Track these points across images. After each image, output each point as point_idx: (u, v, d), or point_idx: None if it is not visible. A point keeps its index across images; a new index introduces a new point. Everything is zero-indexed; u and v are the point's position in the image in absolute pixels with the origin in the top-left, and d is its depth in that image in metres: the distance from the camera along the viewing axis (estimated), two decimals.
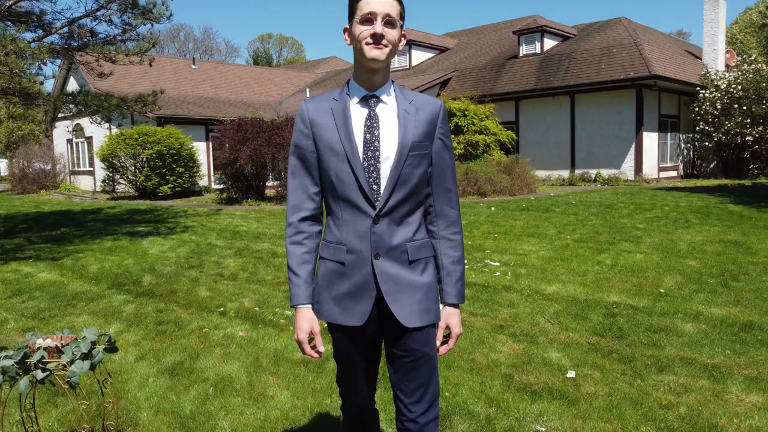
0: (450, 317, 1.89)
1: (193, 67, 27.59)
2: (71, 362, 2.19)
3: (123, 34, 9.63)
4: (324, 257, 1.87)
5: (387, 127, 1.83)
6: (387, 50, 1.77)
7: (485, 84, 21.18)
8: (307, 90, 28.03)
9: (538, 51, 20.93)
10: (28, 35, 8.93)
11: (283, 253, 7.67)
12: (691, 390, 3.17)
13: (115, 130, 19.63)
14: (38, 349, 2.20)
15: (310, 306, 1.84)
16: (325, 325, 1.98)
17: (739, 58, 20.51)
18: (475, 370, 3.49)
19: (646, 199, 12.50)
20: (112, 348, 2.36)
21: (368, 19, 1.77)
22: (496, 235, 8.56)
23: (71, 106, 9.66)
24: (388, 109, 1.85)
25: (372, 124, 1.82)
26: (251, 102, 25.71)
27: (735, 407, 2.95)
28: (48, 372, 2.15)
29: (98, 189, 21.85)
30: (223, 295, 5.53)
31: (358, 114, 1.84)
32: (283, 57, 68.65)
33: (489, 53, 23.51)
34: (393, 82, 1.90)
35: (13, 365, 2.13)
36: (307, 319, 1.82)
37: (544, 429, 2.75)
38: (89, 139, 23.24)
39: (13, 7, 7.90)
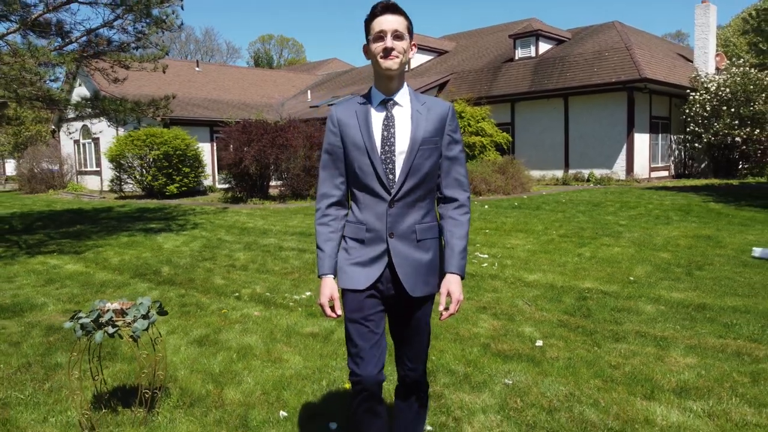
0: (451, 284, 2.15)
1: (197, 69, 28.18)
2: (134, 321, 2.80)
3: (137, 41, 10.23)
4: (346, 235, 2.19)
5: (401, 125, 2.15)
6: (398, 60, 2.08)
7: (482, 86, 21.77)
8: (309, 92, 28.61)
9: (533, 54, 21.53)
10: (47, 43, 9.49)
11: (289, 247, 8.27)
12: (638, 354, 3.78)
13: (122, 132, 20.22)
14: (108, 311, 2.80)
15: (332, 276, 2.16)
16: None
17: (729, 62, 21.10)
18: (458, 341, 4.09)
19: (633, 197, 13.09)
20: (162, 312, 2.96)
21: (380, 37, 2.09)
22: (487, 231, 9.16)
23: (88, 110, 10.27)
24: (402, 110, 2.17)
25: (389, 124, 2.15)
26: (253, 104, 26.30)
27: (671, 367, 3.56)
28: (117, 328, 2.76)
29: (105, 188, 22.44)
30: (236, 283, 6.13)
31: (377, 115, 2.16)
32: (284, 58, 69.11)
33: (486, 56, 24.11)
34: (408, 87, 2.23)
35: (90, 322, 2.73)
36: (329, 287, 2.15)
37: (510, 382, 3.35)
38: (96, 140, 23.82)
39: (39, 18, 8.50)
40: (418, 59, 26.36)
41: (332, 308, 2.14)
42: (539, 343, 4.01)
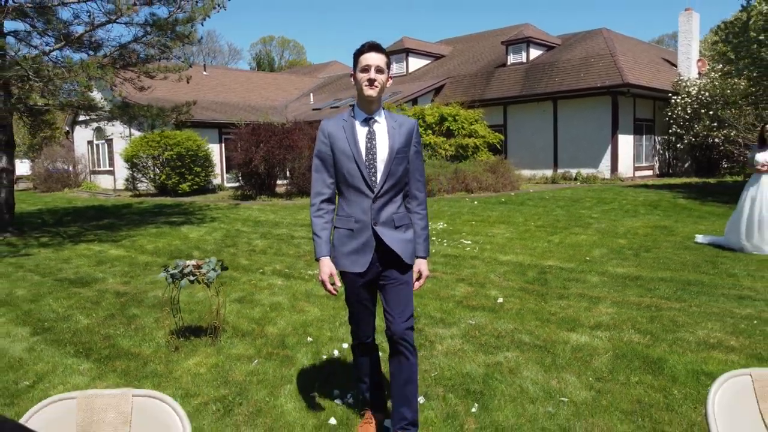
0: (420, 265, 2.75)
1: (204, 73, 29.39)
2: (208, 272, 4.01)
3: (160, 53, 11.43)
4: (338, 226, 2.67)
5: (381, 138, 2.62)
6: (378, 89, 2.56)
7: (476, 90, 22.99)
8: (311, 95, 29.80)
9: (525, 60, 22.75)
10: (83, 55, 10.69)
11: (299, 236, 9.48)
12: (573, 307, 4.99)
13: (137, 134, 21.43)
14: (188, 265, 4.01)
15: (329, 257, 2.64)
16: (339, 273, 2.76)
17: (709, 67, 22.32)
18: (438, 299, 5.31)
19: (611, 194, 14.30)
20: (224, 267, 4.17)
21: (365, 69, 2.56)
22: (473, 223, 10.38)
23: (118, 114, 11.46)
24: (381, 126, 2.65)
25: (371, 137, 2.61)
26: (258, 106, 27.50)
27: (594, 314, 4.77)
28: (195, 276, 3.97)
29: (119, 187, 23.65)
30: (258, 263, 7.34)
31: (361, 130, 2.62)
32: (285, 59, 70.20)
33: (480, 61, 25.33)
34: (383, 108, 2.73)
35: (177, 273, 3.94)
36: (327, 266, 2.63)
37: (473, 322, 4.57)
38: (109, 141, 25.04)
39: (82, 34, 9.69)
40: (416, 64, 27.57)
41: (332, 284, 2.63)
42: (500, 300, 5.22)
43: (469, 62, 25.78)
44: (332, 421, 2.96)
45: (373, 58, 2.57)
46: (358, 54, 2.61)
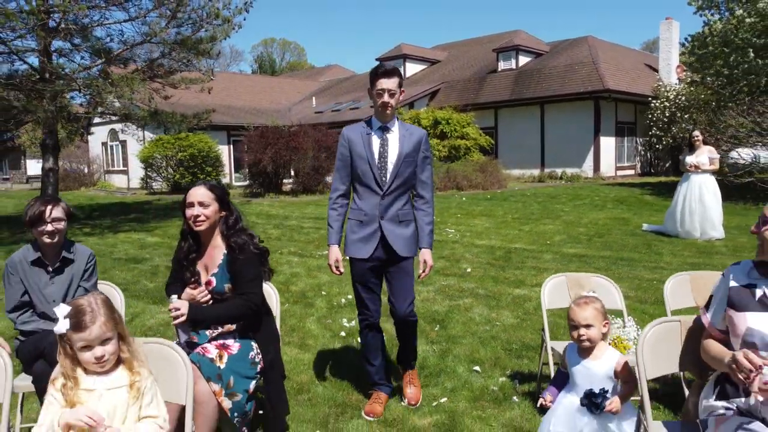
0: (424, 255, 3.11)
1: (212, 78, 30.84)
2: None
3: (185, 66, 12.93)
4: (350, 217, 3.11)
5: (392, 145, 3.03)
6: (392, 108, 3.01)
7: (469, 95, 24.50)
8: (313, 98, 31.28)
9: (514, 66, 24.27)
10: (115, 69, 12.17)
11: (308, 227, 10.98)
12: (525, 275, 6.48)
13: (150, 136, 22.92)
14: None
15: (337, 245, 3.09)
16: (348, 258, 3.20)
17: (686, 72, 23.84)
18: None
19: (587, 192, 15.80)
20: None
21: (380, 94, 2.97)
22: (458, 215, 11.89)
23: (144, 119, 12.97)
24: (393, 135, 3.06)
25: (384, 144, 3.03)
26: (263, 109, 29.00)
27: (538, 278, 6.26)
28: None
29: (133, 186, 25.16)
30: (275, 247, 8.83)
31: (376, 137, 3.05)
32: (286, 61, 71.56)
33: (473, 67, 26.83)
34: (396, 118, 3.12)
35: None
36: (335, 253, 3.10)
37: (445, 283, 6.07)
38: (123, 143, 26.53)
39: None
40: (413, 69, 29.06)
41: (337, 268, 3.15)
42: (469, 270, 6.73)
43: (463, 68, 27.28)
44: (342, 333, 4.47)
45: (387, 84, 2.96)
46: (373, 77, 2.99)
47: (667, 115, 22.14)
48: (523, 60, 24.50)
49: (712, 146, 8.89)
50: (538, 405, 2.59)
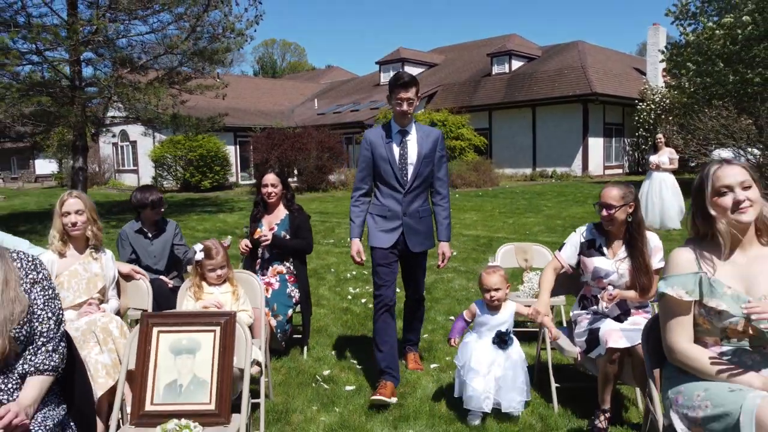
0: (443, 247, 3.48)
1: (225, 85, 32.01)
2: None
3: (197, 73, 14.07)
4: (373, 213, 3.41)
5: (411, 146, 3.32)
6: (410, 113, 3.27)
7: (464, 97, 25.66)
8: (315, 100, 32.42)
9: (507, 70, 25.44)
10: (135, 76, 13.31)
11: (314, 220, 12.08)
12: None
13: (160, 137, 24.08)
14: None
15: (358, 239, 3.40)
16: (370, 248, 3.44)
17: (667, 78, 25.00)
18: None
19: (572, 189, 16.97)
20: None
21: (399, 103, 3.22)
22: (451, 210, 13.02)
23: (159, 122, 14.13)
24: (412, 136, 3.34)
25: (404, 145, 3.31)
26: (266, 111, 30.13)
27: None
28: None
29: (143, 184, 26.27)
30: None
31: (396, 139, 3.32)
32: (287, 61, 72.62)
33: (469, 70, 28.00)
34: (414, 121, 3.37)
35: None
36: (356, 245, 3.42)
37: (433, 263, 7.24)
38: (133, 143, 27.68)
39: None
40: (410, 72, 30.09)
41: (359, 256, 3.45)
42: (455, 253, 7.89)
43: (459, 71, 28.44)
44: (349, 297, 5.64)
45: (405, 94, 3.20)
46: (392, 86, 3.24)
47: (653, 117, 23.31)
48: (516, 64, 25.66)
49: (672, 148, 10.07)
50: (451, 344, 3.13)
